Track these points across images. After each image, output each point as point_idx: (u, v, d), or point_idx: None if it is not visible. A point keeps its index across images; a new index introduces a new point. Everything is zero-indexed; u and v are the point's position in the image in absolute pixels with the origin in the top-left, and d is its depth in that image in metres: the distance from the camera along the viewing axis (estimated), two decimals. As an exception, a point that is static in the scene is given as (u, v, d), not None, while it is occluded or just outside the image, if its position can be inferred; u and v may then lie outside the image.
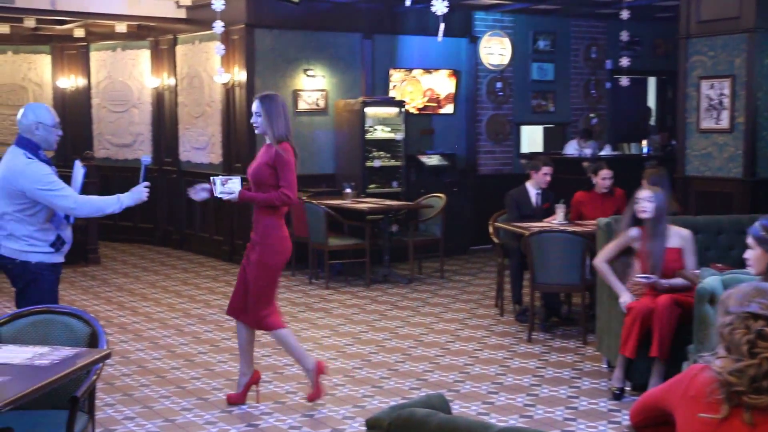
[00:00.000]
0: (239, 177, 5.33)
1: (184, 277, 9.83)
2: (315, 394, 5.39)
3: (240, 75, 10.31)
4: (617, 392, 5.49)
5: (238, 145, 10.47)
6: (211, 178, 5.27)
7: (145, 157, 5.13)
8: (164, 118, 11.92)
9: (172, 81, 11.68)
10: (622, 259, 5.61)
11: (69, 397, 3.44)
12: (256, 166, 5.17)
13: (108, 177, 11.55)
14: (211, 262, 10.82)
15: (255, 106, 5.14)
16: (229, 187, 5.17)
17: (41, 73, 13.03)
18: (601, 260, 5.68)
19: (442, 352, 6.68)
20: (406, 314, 7.97)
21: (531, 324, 7.02)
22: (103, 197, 4.78)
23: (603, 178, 7.49)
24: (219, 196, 5.21)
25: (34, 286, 4.63)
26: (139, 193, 4.83)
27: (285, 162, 5.03)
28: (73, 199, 4.63)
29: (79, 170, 4.98)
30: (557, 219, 7.39)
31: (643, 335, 5.35)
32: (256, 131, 5.19)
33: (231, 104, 10.52)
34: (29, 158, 4.61)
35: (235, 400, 5.38)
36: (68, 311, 3.89)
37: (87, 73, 12.62)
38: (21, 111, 4.69)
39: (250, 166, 5.23)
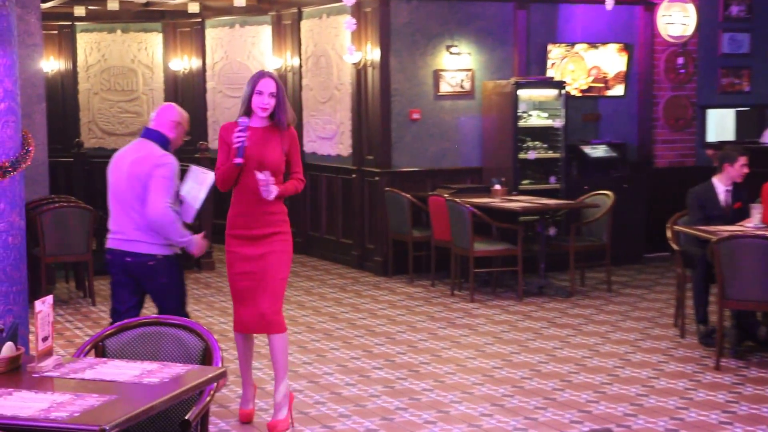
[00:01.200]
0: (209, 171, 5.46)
1: (307, 286, 10.01)
2: (283, 426, 5.48)
3: (373, 53, 10.41)
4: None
5: (370, 135, 10.57)
6: (192, 167, 5.44)
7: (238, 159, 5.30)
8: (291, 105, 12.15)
9: (296, 61, 11.92)
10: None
11: (179, 420, 3.53)
12: (276, 155, 5.35)
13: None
14: (339, 268, 10.98)
15: (270, 85, 5.34)
16: (196, 186, 5.36)
17: (152, 54, 13.58)
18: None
19: (610, 379, 6.55)
20: (566, 333, 7.85)
21: (719, 348, 6.79)
22: (184, 231, 5.42)
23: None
24: (183, 194, 5.39)
25: (171, 281, 5.46)
26: (197, 245, 5.46)
27: (297, 146, 5.51)
28: (164, 205, 5.29)
29: (204, 179, 5.50)
30: (752, 222, 7.12)
31: None
32: (262, 113, 5.34)
33: (362, 87, 10.64)
34: (163, 152, 5.44)
35: (249, 418, 5.69)
36: (180, 323, 4.00)
37: (202, 54, 13.05)
38: (161, 106, 5.63)
39: (253, 154, 5.29)
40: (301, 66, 11.87)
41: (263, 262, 5.42)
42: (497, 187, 9.77)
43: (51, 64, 13.41)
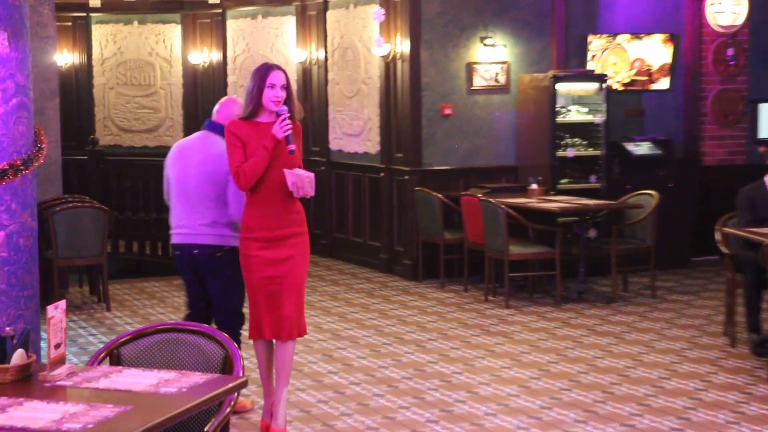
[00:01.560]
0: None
1: (333, 291, 10.02)
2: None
3: (403, 45, 10.41)
4: None
5: (399, 131, 10.57)
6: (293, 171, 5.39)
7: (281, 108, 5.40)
8: (312, 99, 12.21)
9: (321, 54, 11.94)
10: None
11: (198, 432, 3.54)
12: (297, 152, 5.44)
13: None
14: (366, 272, 10.98)
15: (281, 77, 5.39)
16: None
17: (170, 47, 13.66)
18: None
19: (654, 390, 6.50)
20: (607, 342, 7.81)
21: (772, 359, 6.71)
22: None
23: None
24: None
25: (234, 276, 5.76)
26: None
27: (301, 142, 5.59)
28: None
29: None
30: (808, 224, 7.03)
31: None
32: (273, 107, 5.37)
33: (391, 81, 10.63)
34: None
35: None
36: (199, 330, 4.01)
37: (222, 46, 13.11)
38: (224, 99, 6.05)
39: (271, 149, 5.33)
40: (326, 59, 11.88)
41: (288, 265, 5.46)
42: (534, 186, 9.73)
43: (65, 57, 13.52)
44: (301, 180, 5.32)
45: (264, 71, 5.39)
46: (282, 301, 5.46)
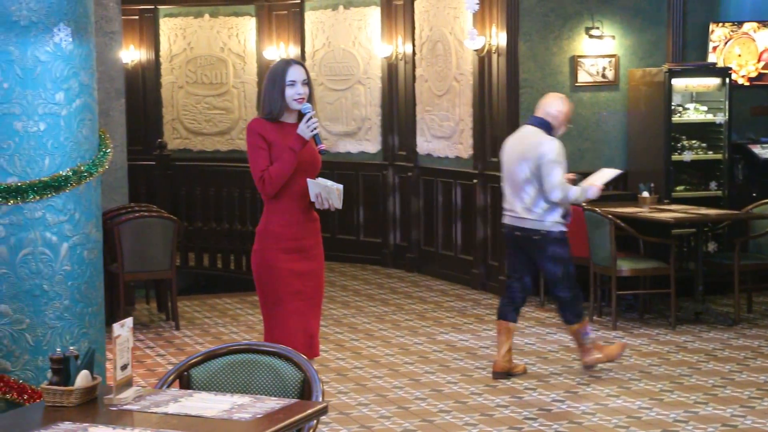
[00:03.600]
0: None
1: (420, 310, 10.04)
2: None
3: (498, 38, 10.40)
4: None
5: (495, 133, 10.55)
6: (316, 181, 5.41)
7: (305, 106, 5.43)
8: (398, 98, 12.26)
9: (408, 48, 11.99)
10: None
11: (274, 462, 3.57)
12: (315, 153, 5.48)
13: (327, 174, 12.02)
14: (457, 289, 10.98)
15: (302, 72, 5.44)
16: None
17: (244, 41, 13.84)
18: None
19: (783, 425, 6.37)
20: (729, 369, 7.69)
21: None
22: (573, 188, 7.32)
23: None
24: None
25: (554, 254, 7.32)
26: (592, 190, 7.67)
27: None
28: (559, 183, 7.21)
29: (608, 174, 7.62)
30: None
31: None
32: (297, 106, 5.40)
33: (486, 78, 10.63)
34: (548, 136, 7.28)
35: None
36: (275, 350, 4.05)
37: (300, 40, 13.23)
38: (547, 96, 7.53)
39: (299, 151, 5.37)
40: (414, 53, 11.92)
41: (316, 278, 5.52)
42: (645, 194, 9.62)
43: (131, 54, 13.80)
44: (328, 192, 5.31)
45: (282, 68, 5.43)
46: (309, 319, 5.50)
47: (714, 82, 10.21)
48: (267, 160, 5.39)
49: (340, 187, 5.38)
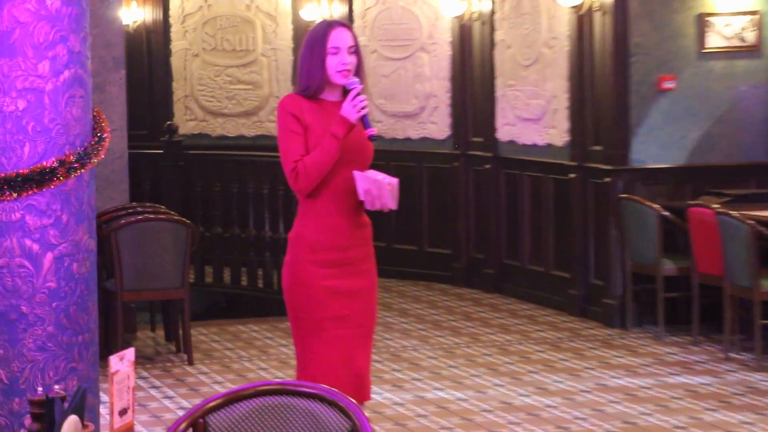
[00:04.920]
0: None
1: (502, 342, 10.01)
2: None
3: (603, -10, 10.34)
4: None
5: (598, 114, 10.49)
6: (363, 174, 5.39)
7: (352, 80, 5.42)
8: (472, 69, 12.22)
9: (486, 5, 11.95)
10: None
11: None
12: (360, 138, 5.44)
13: (381, 167, 12.00)
14: (549, 315, 10.94)
15: (348, 37, 5.43)
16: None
17: (276, -1, 13.87)
18: None
19: None
20: None
21: None
22: None
23: None
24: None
25: None
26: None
27: None
28: None
29: None
30: None
31: None
32: (341, 80, 5.39)
33: (586, 43, 10.55)
34: None
35: None
36: (314, 392, 4.04)
37: (348, -4, 13.25)
38: None
39: (343, 137, 5.34)
40: (493, 13, 11.88)
41: (365, 300, 5.50)
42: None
43: (133, 13, 13.88)
44: (380, 188, 5.28)
45: (324, 31, 5.42)
46: (355, 351, 5.48)
47: None
48: (302, 148, 5.38)
49: (395, 182, 5.33)
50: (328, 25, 5.46)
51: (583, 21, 10.60)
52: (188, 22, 14.14)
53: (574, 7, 10.58)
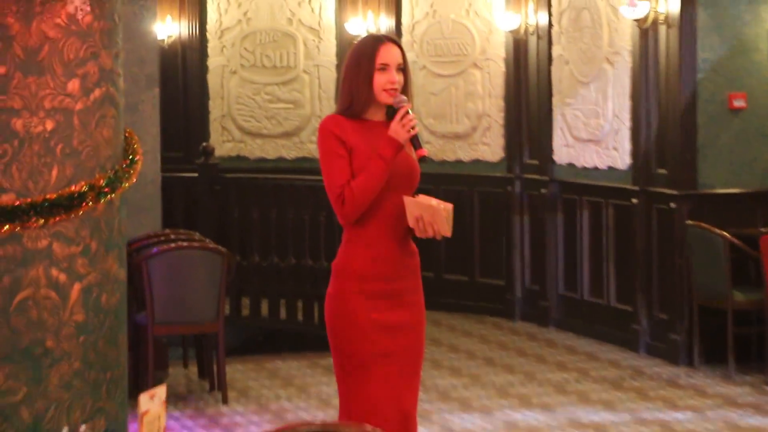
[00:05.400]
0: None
1: (558, 380, 9.99)
2: None
3: (669, 2, 10.30)
4: None
5: (662, 135, 10.47)
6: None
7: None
8: (527, 86, 12.21)
9: (542, 18, 11.94)
10: None
11: None
12: (412, 161, 5.47)
13: (430, 191, 11.97)
14: (609, 351, 10.92)
15: (396, 53, 5.42)
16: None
17: (320, 10, 13.90)
18: None
19: None
20: None
21: None
22: None
23: None
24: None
25: None
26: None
27: None
28: None
29: None
30: None
31: None
32: (387, 99, 5.37)
33: (650, 58, 10.52)
34: None
35: None
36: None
37: (395, 9, 13.26)
38: None
39: (391, 159, 5.34)
40: (550, 26, 11.89)
41: (412, 335, 5.49)
42: None
43: (168, 28, 13.93)
44: (433, 214, 5.25)
45: (371, 47, 5.42)
46: (402, 390, 5.46)
47: None
48: (347, 172, 5.37)
49: (451, 207, 5.32)
50: (376, 40, 5.47)
51: (647, 35, 10.56)
52: (226, 37, 14.18)
53: (637, 19, 10.54)
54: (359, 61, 5.42)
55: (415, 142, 5.36)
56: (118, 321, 5.60)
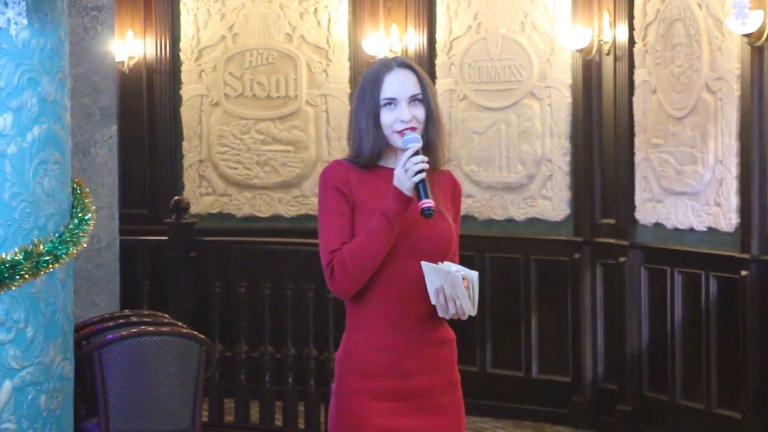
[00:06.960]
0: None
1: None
2: None
3: (788, 14, 10.33)
4: None
5: (778, 186, 10.46)
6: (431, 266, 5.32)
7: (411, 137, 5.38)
8: (600, 124, 12.21)
9: (622, 32, 11.97)
10: None
11: None
12: (443, 223, 5.47)
13: (471, 260, 11.98)
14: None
15: (410, 80, 5.44)
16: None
17: (328, 24, 13.97)
18: None
19: None
20: None
21: None
22: None
23: None
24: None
25: None
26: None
27: (460, 207, 5.76)
28: None
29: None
30: None
31: None
32: (397, 141, 5.38)
33: (765, 85, 10.51)
34: None
35: None
36: None
37: (428, 22, 13.30)
38: None
39: (398, 215, 5.32)
40: (632, 43, 11.90)
41: None
42: None
43: (129, 46, 13.99)
44: (453, 285, 5.18)
45: (374, 78, 5.43)
46: None
47: None
48: (345, 234, 5.40)
49: (474, 275, 5.20)
50: (381, 68, 5.46)
51: (762, 54, 10.55)
52: (205, 59, 14.21)
53: (748, 34, 10.50)
54: (363, 95, 5.45)
55: (420, 190, 5.24)
56: (60, 431, 5.59)
